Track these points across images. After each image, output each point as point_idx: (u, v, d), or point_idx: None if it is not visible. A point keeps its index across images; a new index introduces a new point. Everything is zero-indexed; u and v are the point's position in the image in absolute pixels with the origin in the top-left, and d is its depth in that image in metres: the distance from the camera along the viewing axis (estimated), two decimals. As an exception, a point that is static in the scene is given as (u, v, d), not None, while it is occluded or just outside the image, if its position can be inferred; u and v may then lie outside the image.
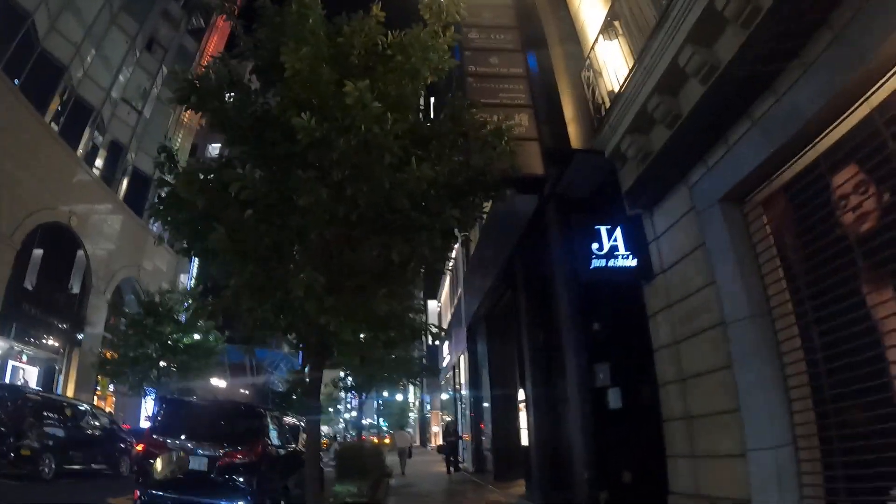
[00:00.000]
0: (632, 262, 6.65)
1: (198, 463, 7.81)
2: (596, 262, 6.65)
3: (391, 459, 21.10)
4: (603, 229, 6.72)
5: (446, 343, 27.13)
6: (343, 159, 5.13)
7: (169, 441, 8.17)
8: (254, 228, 5.38)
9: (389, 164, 5.22)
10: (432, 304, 38.72)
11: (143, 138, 28.74)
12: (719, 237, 5.47)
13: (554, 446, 9.61)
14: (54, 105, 21.63)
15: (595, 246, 6.68)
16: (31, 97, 19.27)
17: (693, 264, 5.89)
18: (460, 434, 21.05)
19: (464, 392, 21.13)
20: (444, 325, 29.88)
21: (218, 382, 40.18)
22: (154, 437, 8.35)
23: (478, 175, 6.39)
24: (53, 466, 11.42)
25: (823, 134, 4.40)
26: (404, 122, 5.54)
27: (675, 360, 6.20)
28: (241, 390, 44.88)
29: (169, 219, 5.90)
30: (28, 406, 11.90)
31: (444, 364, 28.70)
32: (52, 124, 21.27)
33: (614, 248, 6.67)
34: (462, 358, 21.26)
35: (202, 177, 5.83)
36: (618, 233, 6.74)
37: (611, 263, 6.65)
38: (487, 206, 8.22)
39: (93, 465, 13.13)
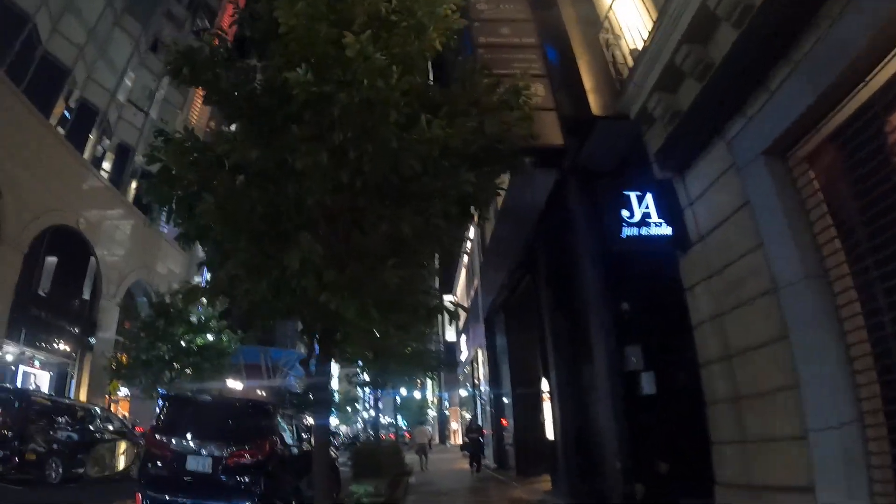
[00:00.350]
0: (666, 230, 6.06)
1: (202, 464, 7.34)
2: (628, 231, 6.07)
3: (411, 458, 20.73)
4: (633, 195, 6.14)
5: (463, 338, 26.64)
6: (344, 118, 4.63)
7: (172, 441, 7.71)
8: (245, 196, 4.87)
9: (395, 123, 4.70)
10: (448, 299, 38.35)
11: (150, 140, 28.44)
12: (765, 194, 4.88)
13: (582, 438, 9.04)
14: (59, 108, 21.43)
15: (625, 213, 6.10)
16: (35, 100, 19.04)
17: (735, 227, 5.30)
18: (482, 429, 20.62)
19: (483, 387, 20.57)
20: (461, 323, 29.27)
21: (234, 384, 40.09)
22: (156, 437, 7.91)
23: (493, 142, 5.85)
24: (61, 471, 11.07)
25: (876, 70, 3.81)
26: (411, 77, 5.01)
27: (718, 336, 5.60)
28: (258, 391, 44.73)
29: (161, 197, 5.43)
30: (34, 409, 11.59)
31: (462, 359, 28.09)
32: (58, 128, 21.06)
33: (646, 216, 6.10)
34: (480, 352, 20.71)
35: (193, 151, 5.35)
36: (648, 199, 6.15)
37: (643, 232, 6.06)
38: (505, 182, 7.67)
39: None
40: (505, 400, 15.50)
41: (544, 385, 10.53)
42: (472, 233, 20.67)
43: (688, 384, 6.24)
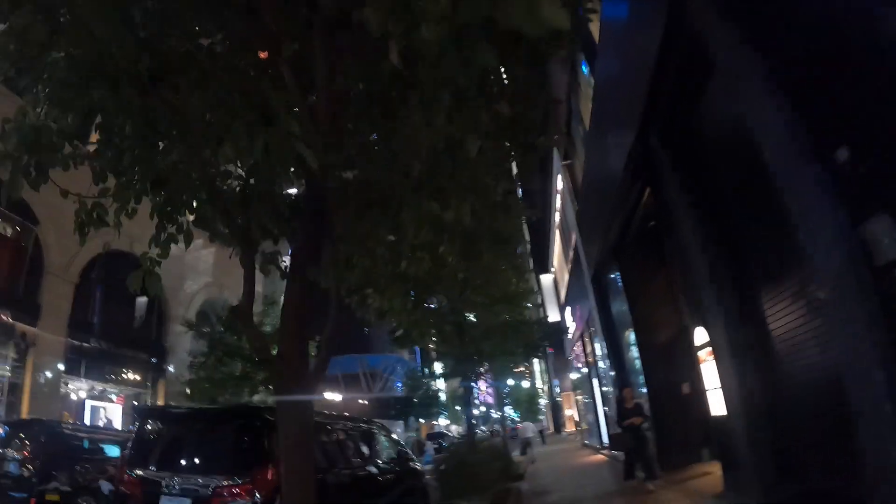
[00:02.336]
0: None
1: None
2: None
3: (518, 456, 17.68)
4: None
5: (568, 312, 23.14)
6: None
7: (143, 475, 5.17)
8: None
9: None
10: (545, 279, 34.62)
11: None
12: None
13: (778, 409, 5.58)
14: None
15: None
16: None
17: None
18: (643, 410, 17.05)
19: (600, 364, 16.58)
20: (563, 297, 25.70)
21: (331, 396, 38.87)
22: (126, 470, 5.41)
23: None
24: (93, 511, 9.09)
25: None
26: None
27: None
28: (360, 401, 43.37)
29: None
30: (60, 442, 9.76)
31: (570, 336, 24.34)
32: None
33: None
34: (592, 321, 16.96)
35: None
36: None
37: None
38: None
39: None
40: (632, 372, 11.91)
41: (696, 338, 7.04)
42: (559, 184, 17.22)
43: None
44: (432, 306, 9.82)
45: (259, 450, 5.11)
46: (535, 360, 71.19)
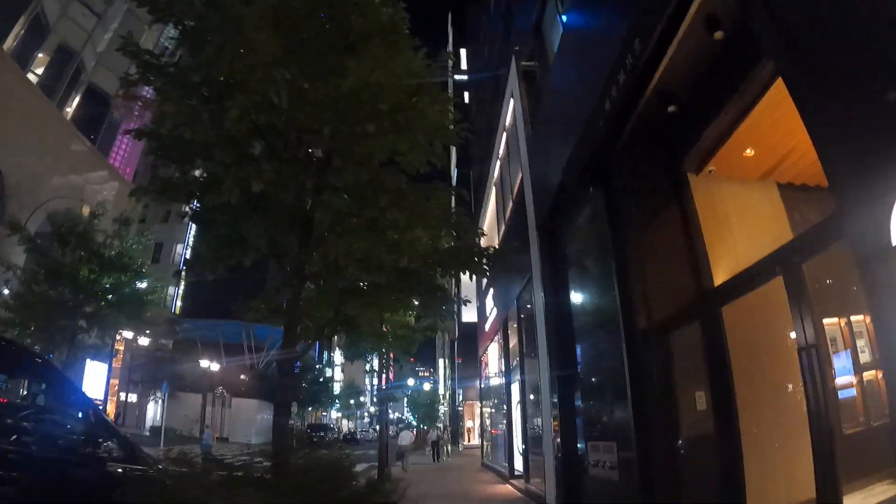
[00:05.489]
0: None
1: None
2: None
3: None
4: None
5: (489, 300, 19.11)
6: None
7: None
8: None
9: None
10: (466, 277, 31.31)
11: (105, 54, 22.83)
12: None
13: None
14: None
15: None
16: None
17: None
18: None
19: (542, 360, 10.43)
20: (484, 282, 22.02)
21: (207, 364, 33.96)
22: None
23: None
24: None
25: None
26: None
27: None
28: (241, 376, 38.42)
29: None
30: None
31: (487, 327, 20.27)
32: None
33: None
34: (525, 300, 12.63)
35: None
36: None
37: None
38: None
39: None
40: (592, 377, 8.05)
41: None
42: (509, 113, 13.37)
43: None
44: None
45: None
46: (441, 363, 68.21)
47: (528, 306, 11.50)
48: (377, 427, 32.24)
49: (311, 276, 5.21)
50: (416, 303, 6.48)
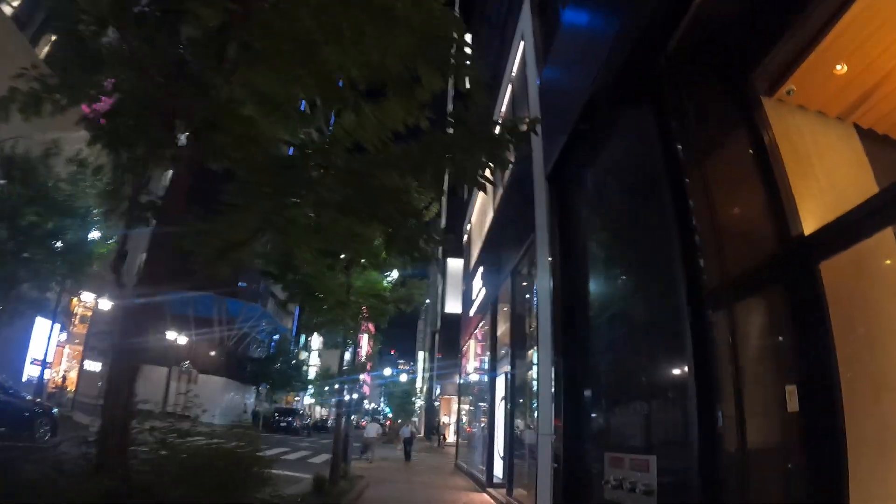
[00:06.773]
0: None
1: None
2: None
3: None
4: None
5: (476, 284, 17.08)
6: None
7: None
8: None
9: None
10: (453, 264, 29.77)
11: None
12: None
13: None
14: None
15: None
16: None
17: None
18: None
19: (544, 344, 8.08)
20: (473, 261, 20.08)
21: (176, 337, 32.08)
22: None
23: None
24: None
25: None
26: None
27: None
28: (210, 353, 36.55)
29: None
30: None
31: (472, 311, 17.89)
32: None
33: None
34: (528, 276, 10.55)
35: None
36: None
37: None
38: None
39: None
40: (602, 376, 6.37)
41: None
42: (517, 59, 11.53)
43: None
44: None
45: None
46: (420, 356, 66.58)
47: (524, 283, 9.94)
48: (353, 416, 30.44)
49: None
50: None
